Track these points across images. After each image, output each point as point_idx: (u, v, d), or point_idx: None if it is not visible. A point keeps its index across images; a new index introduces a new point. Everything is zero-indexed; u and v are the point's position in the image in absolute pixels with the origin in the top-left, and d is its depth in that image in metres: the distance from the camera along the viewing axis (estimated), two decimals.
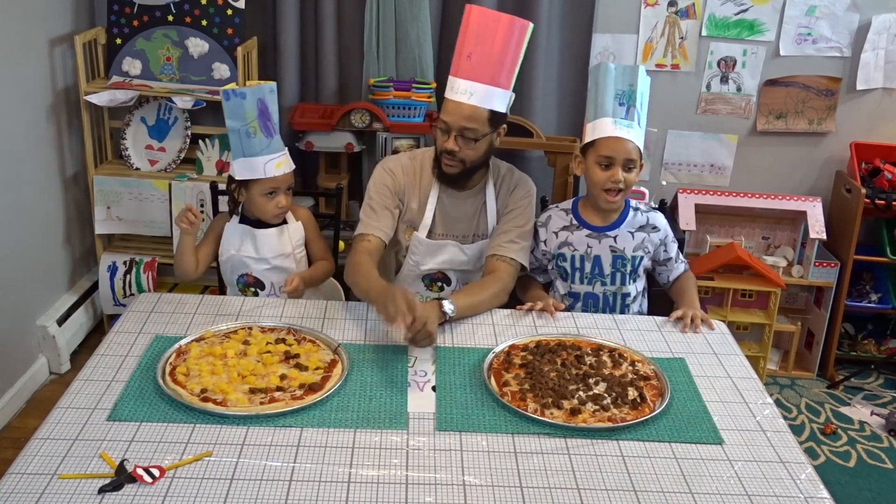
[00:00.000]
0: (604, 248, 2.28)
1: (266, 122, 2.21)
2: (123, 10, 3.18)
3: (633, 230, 2.29)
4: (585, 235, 2.29)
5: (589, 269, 2.29)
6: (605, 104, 2.20)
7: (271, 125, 2.23)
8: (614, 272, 2.29)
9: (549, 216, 2.36)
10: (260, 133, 2.20)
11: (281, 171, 2.26)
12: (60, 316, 3.17)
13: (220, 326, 2.01)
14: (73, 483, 1.46)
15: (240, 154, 2.23)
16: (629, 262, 2.28)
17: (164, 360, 1.84)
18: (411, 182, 2.34)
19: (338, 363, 1.88)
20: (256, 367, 1.83)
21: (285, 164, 2.28)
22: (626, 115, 2.19)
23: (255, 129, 2.19)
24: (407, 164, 2.35)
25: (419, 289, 2.42)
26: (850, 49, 3.34)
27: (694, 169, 3.55)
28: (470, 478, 1.53)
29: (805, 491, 1.55)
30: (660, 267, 2.38)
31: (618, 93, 2.20)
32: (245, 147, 2.21)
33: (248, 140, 2.20)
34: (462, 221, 2.36)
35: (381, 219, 2.29)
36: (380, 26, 3.29)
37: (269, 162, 2.24)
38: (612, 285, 2.30)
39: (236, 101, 2.17)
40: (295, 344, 1.95)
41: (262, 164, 2.23)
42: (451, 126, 2.19)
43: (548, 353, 1.95)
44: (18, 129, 2.89)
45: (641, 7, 3.33)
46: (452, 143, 2.19)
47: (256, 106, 2.18)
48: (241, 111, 2.17)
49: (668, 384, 1.85)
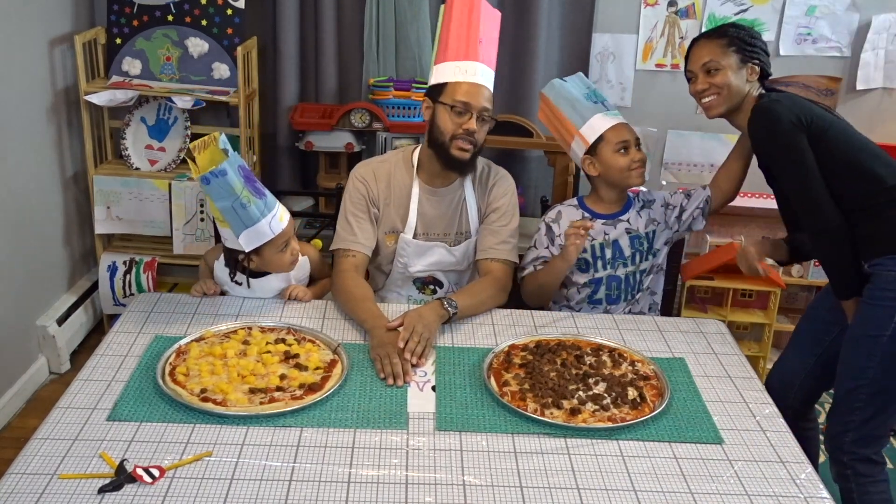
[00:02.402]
0: (620, 232, 2.35)
1: (253, 185, 2.08)
2: (123, 9, 3.17)
3: (638, 210, 2.38)
4: (602, 223, 2.34)
5: (610, 254, 2.34)
6: (584, 107, 2.33)
7: (259, 185, 2.12)
8: (633, 253, 2.35)
9: (559, 212, 2.39)
10: (253, 199, 2.06)
11: (286, 222, 2.16)
12: (60, 316, 3.17)
13: (220, 326, 2.00)
14: (72, 483, 1.46)
15: (242, 227, 2.07)
16: (645, 240, 2.36)
17: (164, 361, 1.84)
18: (385, 186, 2.31)
19: (338, 363, 1.88)
20: (256, 367, 1.83)
21: (285, 213, 2.18)
22: (606, 106, 2.35)
23: (248, 197, 2.05)
24: (378, 168, 2.33)
25: (411, 291, 2.40)
26: (850, 49, 3.34)
27: (694, 169, 3.55)
28: (470, 478, 1.53)
29: (805, 491, 1.55)
30: (686, 213, 2.38)
31: (587, 95, 2.36)
32: (245, 219, 2.07)
33: (245, 211, 2.06)
34: (442, 220, 2.34)
35: (362, 231, 2.28)
36: (380, 26, 3.29)
37: (273, 219, 2.11)
38: (632, 265, 2.36)
39: (218, 181, 2.01)
40: (295, 344, 1.95)
41: (267, 226, 2.10)
42: (472, 107, 2.18)
43: (548, 353, 1.95)
44: (18, 129, 2.89)
45: (641, 7, 3.33)
46: (475, 122, 2.18)
47: (240, 175, 2.04)
48: (227, 188, 2.02)
49: (667, 384, 1.85)
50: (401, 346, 1.90)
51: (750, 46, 2.15)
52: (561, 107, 2.36)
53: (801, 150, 1.99)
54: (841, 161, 2.00)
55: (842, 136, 2.03)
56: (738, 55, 2.14)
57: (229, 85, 3.17)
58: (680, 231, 2.41)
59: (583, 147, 2.31)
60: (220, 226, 2.15)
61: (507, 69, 3.34)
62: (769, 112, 2.02)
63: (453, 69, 2.20)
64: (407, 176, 2.32)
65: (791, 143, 1.99)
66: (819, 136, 2.00)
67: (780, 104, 2.02)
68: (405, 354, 1.89)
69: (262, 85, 3.36)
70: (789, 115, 1.99)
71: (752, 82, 2.16)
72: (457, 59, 2.20)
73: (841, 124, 2.07)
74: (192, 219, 3.18)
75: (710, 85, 2.17)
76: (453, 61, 2.20)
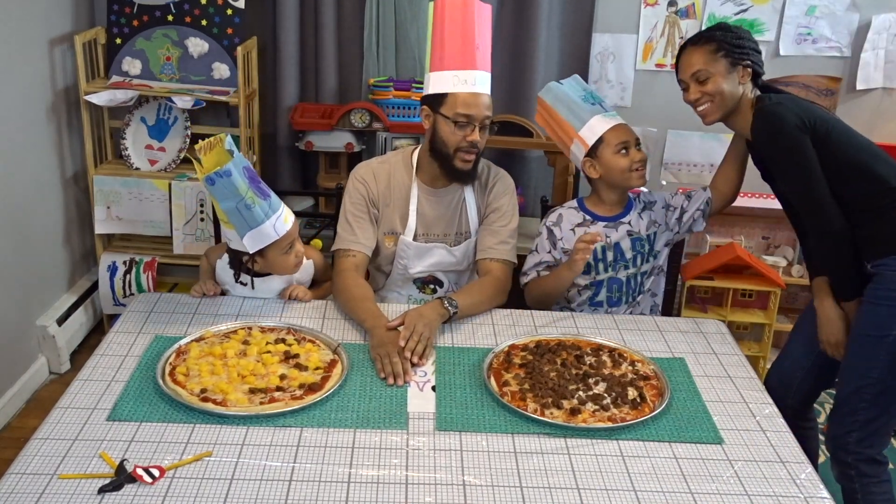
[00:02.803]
0: (622, 235, 2.33)
1: (258, 186, 2.09)
2: (123, 9, 3.17)
3: (639, 212, 2.36)
4: (603, 226, 2.33)
5: (611, 257, 2.33)
6: (583, 109, 2.31)
7: (264, 186, 2.12)
8: (635, 255, 2.34)
9: (560, 215, 2.37)
10: (258, 200, 2.06)
11: (290, 223, 2.15)
12: (60, 316, 3.17)
13: (220, 326, 2.00)
14: (72, 483, 1.46)
15: (246, 229, 2.07)
16: (646, 241, 2.34)
17: (164, 360, 1.84)
18: (385, 187, 2.31)
19: (338, 363, 1.88)
20: (256, 367, 1.83)
21: (290, 214, 2.18)
22: (604, 107, 2.33)
23: (253, 198, 2.05)
24: (378, 169, 2.33)
25: (411, 291, 2.40)
26: (850, 49, 3.34)
27: (694, 169, 3.55)
28: (470, 478, 1.53)
29: (805, 491, 1.55)
30: (687, 214, 2.37)
31: (584, 97, 2.34)
32: (249, 220, 2.06)
33: (250, 212, 2.05)
34: (442, 221, 2.33)
35: (362, 231, 2.28)
36: (380, 26, 3.29)
37: (277, 220, 2.11)
38: (633, 267, 2.34)
39: (223, 181, 2.01)
40: (295, 344, 1.95)
41: (271, 228, 2.09)
42: (475, 118, 2.17)
43: (548, 353, 1.95)
44: (18, 129, 2.89)
45: (641, 7, 3.32)
46: (479, 135, 2.18)
47: (244, 176, 2.04)
48: (232, 189, 2.02)
49: (667, 384, 1.85)
50: (401, 346, 1.90)
51: (739, 49, 2.13)
52: (558, 110, 2.35)
53: (805, 153, 1.98)
54: (844, 163, 2.00)
55: (844, 137, 2.03)
56: (727, 59, 2.12)
57: (229, 85, 3.17)
58: (681, 232, 2.41)
59: (582, 150, 2.30)
60: (225, 227, 2.14)
61: (507, 69, 3.34)
62: (773, 115, 2.02)
63: (452, 79, 2.18)
64: (406, 177, 2.32)
65: (795, 145, 1.99)
66: (823, 137, 1.99)
67: (782, 106, 2.02)
68: (406, 353, 1.89)
69: (262, 85, 3.36)
70: (793, 118, 1.99)
71: (745, 84, 2.15)
72: (455, 69, 2.19)
73: (842, 126, 2.07)
74: (192, 219, 3.19)
75: (702, 94, 2.15)
76: (451, 70, 2.19)
